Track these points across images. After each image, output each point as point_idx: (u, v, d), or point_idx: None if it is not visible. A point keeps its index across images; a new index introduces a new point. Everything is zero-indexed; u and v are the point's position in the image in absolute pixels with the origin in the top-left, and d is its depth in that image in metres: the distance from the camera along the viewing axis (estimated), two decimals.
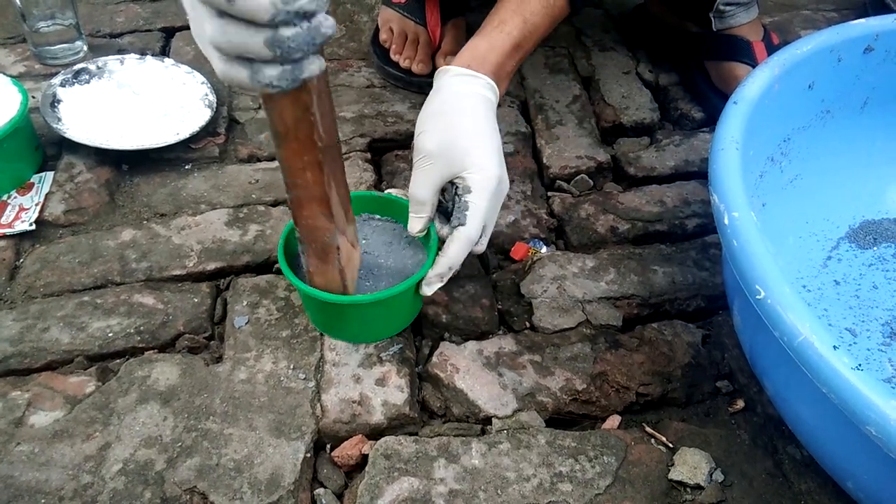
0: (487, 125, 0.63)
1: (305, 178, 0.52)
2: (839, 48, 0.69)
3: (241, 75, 0.42)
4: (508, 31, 0.67)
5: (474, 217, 0.61)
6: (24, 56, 0.96)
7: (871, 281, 0.71)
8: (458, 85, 0.65)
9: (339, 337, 0.66)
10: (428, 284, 0.62)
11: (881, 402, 0.42)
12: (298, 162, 0.50)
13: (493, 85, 0.66)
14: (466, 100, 0.64)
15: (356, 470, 0.59)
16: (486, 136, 0.63)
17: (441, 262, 0.62)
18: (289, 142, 0.49)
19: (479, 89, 0.65)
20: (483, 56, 0.66)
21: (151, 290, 0.70)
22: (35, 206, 0.77)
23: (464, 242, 0.61)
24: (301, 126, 0.48)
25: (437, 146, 0.61)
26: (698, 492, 0.57)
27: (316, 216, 0.55)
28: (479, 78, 0.65)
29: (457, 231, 0.61)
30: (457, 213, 0.61)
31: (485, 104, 0.64)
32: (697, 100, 0.95)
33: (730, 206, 0.53)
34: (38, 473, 0.56)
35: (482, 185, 0.61)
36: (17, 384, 0.62)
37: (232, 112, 0.90)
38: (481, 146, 0.62)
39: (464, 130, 0.62)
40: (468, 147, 0.61)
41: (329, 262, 0.58)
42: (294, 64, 0.42)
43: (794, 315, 0.46)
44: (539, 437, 0.60)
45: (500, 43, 0.67)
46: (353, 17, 1.07)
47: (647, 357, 0.66)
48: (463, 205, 0.61)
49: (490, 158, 0.62)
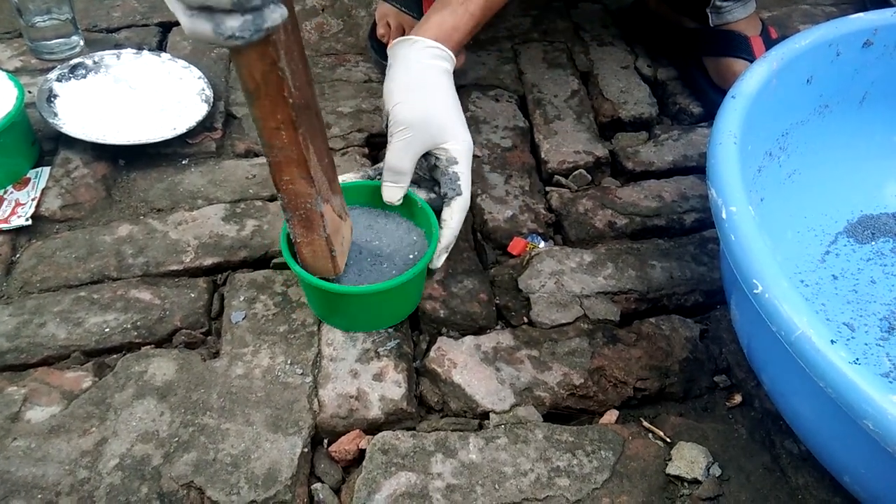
0: (455, 98, 0.69)
1: (280, 138, 0.52)
2: (838, 42, 0.69)
3: (204, 28, 0.42)
4: (472, 11, 0.71)
5: (466, 185, 0.67)
6: (20, 51, 0.96)
7: (870, 276, 0.71)
8: (429, 59, 0.69)
9: (341, 326, 0.66)
10: (438, 258, 0.67)
11: (878, 396, 0.42)
12: (272, 121, 0.51)
13: (454, 59, 0.71)
14: (438, 75, 0.69)
15: (353, 465, 0.59)
16: (458, 109, 0.69)
17: (447, 234, 0.66)
18: (260, 99, 0.49)
19: (445, 64, 0.70)
20: (448, 34, 0.70)
21: (148, 285, 0.70)
22: (31, 201, 0.76)
23: (462, 211, 0.67)
24: (270, 81, 0.48)
25: (417, 118, 0.65)
26: (696, 486, 0.57)
27: (296, 180, 0.55)
28: (446, 52, 0.69)
29: (455, 201, 0.66)
30: (449, 184, 0.66)
31: (449, 78, 0.70)
32: (696, 95, 0.95)
33: (727, 200, 0.53)
34: (35, 469, 0.56)
35: (465, 155, 0.67)
36: (14, 379, 0.62)
37: (229, 107, 0.90)
38: (456, 118, 0.68)
39: (440, 103, 0.67)
40: (446, 119, 0.67)
41: (314, 231, 0.58)
42: (255, 13, 0.43)
43: (791, 309, 0.46)
44: (536, 432, 0.60)
45: (465, 22, 0.71)
46: (350, 11, 1.07)
47: (644, 352, 0.66)
48: (453, 175, 0.66)
49: (464, 129, 0.68)
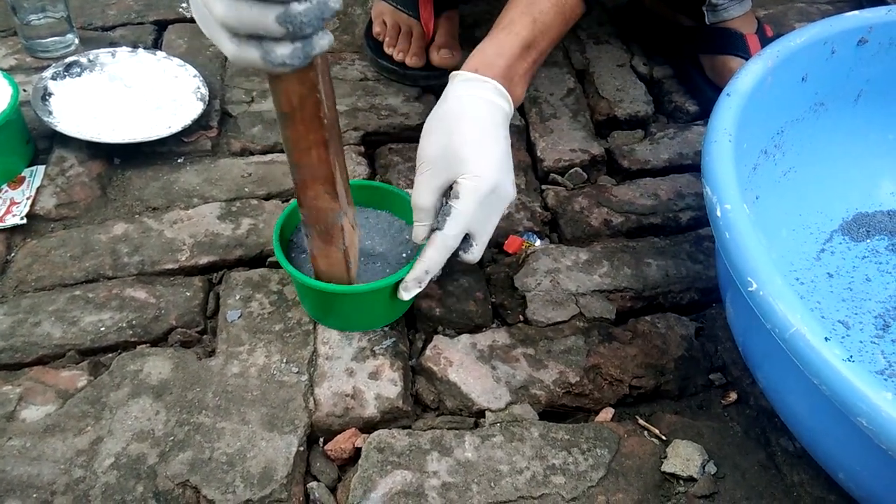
0: (490, 130, 0.61)
1: (311, 157, 0.51)
2: (833, 40, 0.69)
3: (253, 55, 0.41)
4: (517, 31, 0.65)
5: (454, 223, 0.59)
6: (14, 49, 0.95)
7: (865, 273, 0.71)
8: (464, 90, 0.63)
9: (334, 325, 0.66)
10: (405, 289, 0.62)
11: (872, 393, 0.42)
12: (304, 142, 0.50)
13: (501, 89, 0.63)
14: (470, 105, 0.62)
15: (349, 463, 0.59)
16: (487, 142, 0.61)
17: (417, 267, 0.61)
18: (295, 122, 0.49)
19: (485, 94, 0.63)
20: (491, 60, 0.64)
21: (143, 284, 0.70)
22: (26, 199, 0.76)
23: (439, 247, 0.60)
24: (307, 105, 0.48)
25: (436, 152, 0.60)
26: (691, 484, 0.57)
27: (320, 196, 0.55)
28: (487, 82, 0.63)
29: (434, 235, 0.60)
30: (440, 217, 0.60)
31: (491, 109, 0.63)
32: (692, 93, 0.95)
33: (722, 198, 0.53)
34: (30, 468, 0.56)
35: (471, 192, 0.59)
36: (9, 378, 0.62)
37: (224, 105, 0.90)
38: (478, 152, 0.60)
39: (462, 136, 0.60)
40: (464, 152, 0.59)
41: (333, 244, 0.58)
42: (305, 40, 0.42)
43: (785, 307, 0.46)
44: (532, 430, 0.60)
45: (509, 45, 0.65)
46: (346, 9, 1.07)
47: (640, 350, 0.66)
48: (446, 210, 0.60)
49: (487, 165, 0.59)
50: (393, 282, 0.61)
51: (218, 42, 0.42)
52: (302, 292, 0.67)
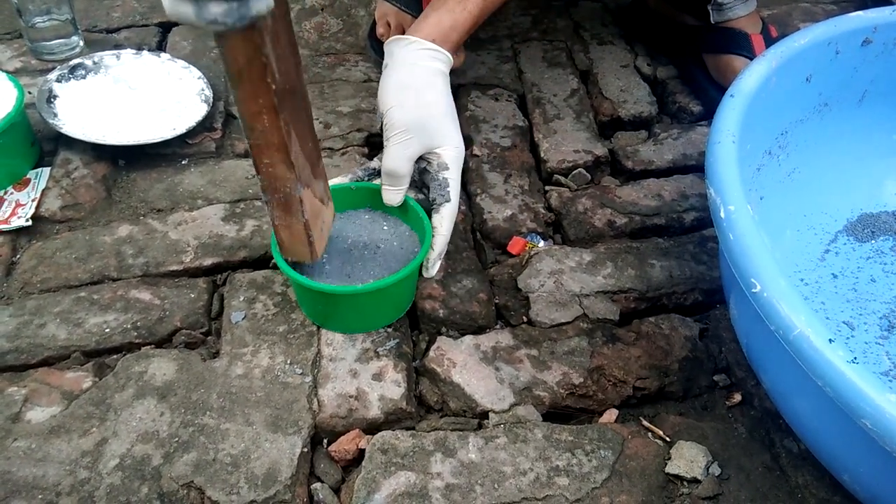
0: (451, 101, 0.68)
1: (262, 121, 0.51)
2: (837, 41, 0.68)
3: (186, 11, 0.42)
4: (470, 9, 0.69)
5: (455, 191, 0.66)
6: (20, 51, 0.96)
7: (869, 274, 0.71)
8: (425, 60, 0.68)
9: (335, 328, 0.66)
10: (432, 266, 0.65)
11: (876, 395, 0.42)
12: (254, 105, 0.50)
13: (451, 60, 0.70)
14: (434, 76, 0.67)
15: (353, 464, 0.59)
16: (453, 113, 0.68)
17: (439, 241, 0.65)
18: (242, 83, 0.49)
19: (442, 66, 0.68)
20: (446, 33, 0.69)
21: (148, 285, 0.70)
22: (31, 201, 0.76)
23: (451, 217, 0.66)
24: (253, 67, 0.47)
25: (414, 121, 0.64)
26: (695, 485, 0.57)
27: (276, 164, 0.54)
28: (443, 54, 0.68)
29: (444, 208, 0.65)
30: (438, 189, 0.65)
31: (446, 80, 0.69)
32: (696, 93, 0.95)
33: (726, 199, 0.53)
34: (35, 469, 0.56)
35: (456, 161, 0.66)
36: (14, 380, 0.62)
37: (228, 107, 0.90)
38: (451, 123, 0.67)
39: (436, 107, 0.66)
40: (441, 124, 0.66)
41: (293, 215, 0.58)
42: (240, 1, 0.42)
43: (789, 308, 0.46)
44: (536, 432, 0.60)
45: (462, 21, 0.69)
46: (349, 11, 1.07)
47: (644, 351, 0.66)
48: (443, 181, 0.65)
49: (458, 134, 0.67)
50: (392, 282, 0.61)
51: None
52: (300, 294, 0.67)
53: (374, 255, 0.66)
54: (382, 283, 0.61)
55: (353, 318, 0.65)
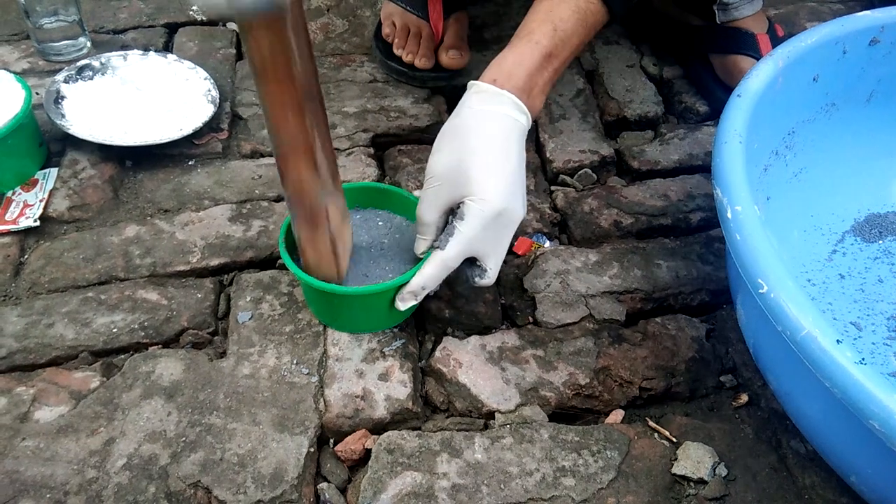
0: (502, 148, 0.60)
1: (287, 122, 0.52)
2: (844, 40, 0.68)
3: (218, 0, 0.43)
4: (537, 40, 0.63)
5: (455, 244, 0.59)
6: (27, 53, 0.96)
7: (877, 274, 0.71)
8: (479, 103, 0.61)
9: (340, 327, 0.66)
10: (401, 300, 0.62)
11: (884, 396, 0.42)
12: (278, 99, 0.51)
13: (518, 103, 0.61)
14: (484, 119, 0.60)
15: (359, 464, 0.60)
16: (497, 162, 0.59)
17: (414, 282, 0.61)
18: (267, 76, 0.49)
19: (501, 108, 0.61)
20: (509, 70, 0.62)
21: (155, 285, 0.70)
22: (39, 202, 0.77)
23: (437, 266, 0.60)
24: (278, 57, 0.48)
25: (445, 168, 0.59)
26: (702, 486, 0.57)
27: (301, 169, 0.55)
28: (503, 95, 0.61)
29: (434, 252, 0.60)
30: (443, 236, 0.60)
31: (505, 124, 0.60)
32: (702, 93, 0.95)
33: (732, 199, 0.53)
34: (44, 468, 0.56)
35: (476, 215, 0.58)
36: (23, 380, 0.62)
37: (235, 108, 0.90)
38: (487, 173, 0.58)
39: (472, 154, 0.59)
40: (474, 172, 0.58)
41: (319, 228, 0.58)
42: None
43: (796, 309, 0.46)
44: (542, 432, 0.60)
45: (529, 54, 0.62)
46: (355, 11, 1.07)
47: (650, 351, 0.66)
48: (449, 230, 0.59)
49: (495, 187, 0.58)
50: (398, 284, 0.61)
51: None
52: (308, 294, 0.67)
53: (381, 255, 0.66)
54: (389, 284, 0.61)
55: (361, 318, 0.65)
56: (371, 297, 0.62)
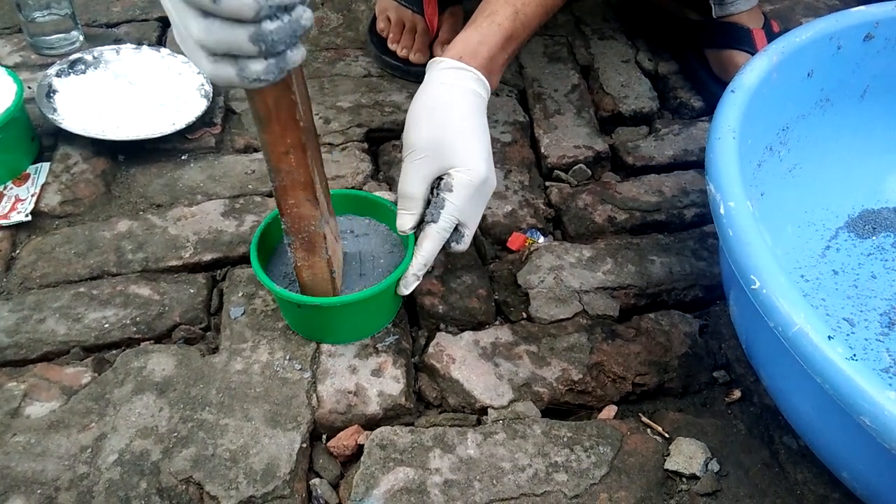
0: (476, 121, 0.63)
1: (289, 161, 0.52)
2: (839, 36, 0.68)
3: (228, 73, 0.43)
4: (500, 22, 0.66)
5: (449, 215, 0.61)
6: (19, 46, 0.96)
7: (870, 270, 0.71)
8: (449, 78, 0.64)
9: (320, 339, 0.65)
10: (406, 285, 0.63)
11: (875, 392, 0.42)
12: (282, 145, 0.51)
13: (482, 79, 0.65)
14: (456, 94, 0.63)
15: (352, 460, 0.59)
16: (475, 133, 0.63)
17: (417, 261, 0.62)
18: (271, 124, 0.50)
19: (468, 84, 0.64)
20: (474, 49, 0.65)
21: (147, 281, 0.70)
22: (31, 196, 0.76)
23: (435, 239, 0.62)
24: (282, 106, 0.48)
25: (427, 142, 0.61)
26: (694, 482, 0.57)
27: (301, 202, 0.55)
28: (470, 72, 0.64)
29: (428, 227, 0.62)
30: (432, 209, 0.61)
31: (474, 98, 0.64)
32: (697, 88, 0.95)
33: (726, 195, 0.53)
34: (35, 464, 0.56)
35: (464, 185, 0.61)
36: (14, 375, 0.62)
37: (228, 102, 0.90)
38: (469, 144, 0.62)
39: (453, 126, 0.62)
40: (457, 144, 0.61)
41: (316, 253, 0.58)
42: (278, 56, 0.43)
43: (788, 305, 0.46)
44: (535, 428, 0.60)
45: (492, 35, 0.65)
46: (350, 5, 1.07)
47: (643, 347, 0.66)
48: (439, 202, 0.61)
49: (478, 157, 0.61)
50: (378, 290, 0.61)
51: (196, 61, 0.43)
52: (283, 308, 0.66)
53: (360, 263, 0.66)
54: (361, 294, 0.61)
55: (335, 329, 0.64)
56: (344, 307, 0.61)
